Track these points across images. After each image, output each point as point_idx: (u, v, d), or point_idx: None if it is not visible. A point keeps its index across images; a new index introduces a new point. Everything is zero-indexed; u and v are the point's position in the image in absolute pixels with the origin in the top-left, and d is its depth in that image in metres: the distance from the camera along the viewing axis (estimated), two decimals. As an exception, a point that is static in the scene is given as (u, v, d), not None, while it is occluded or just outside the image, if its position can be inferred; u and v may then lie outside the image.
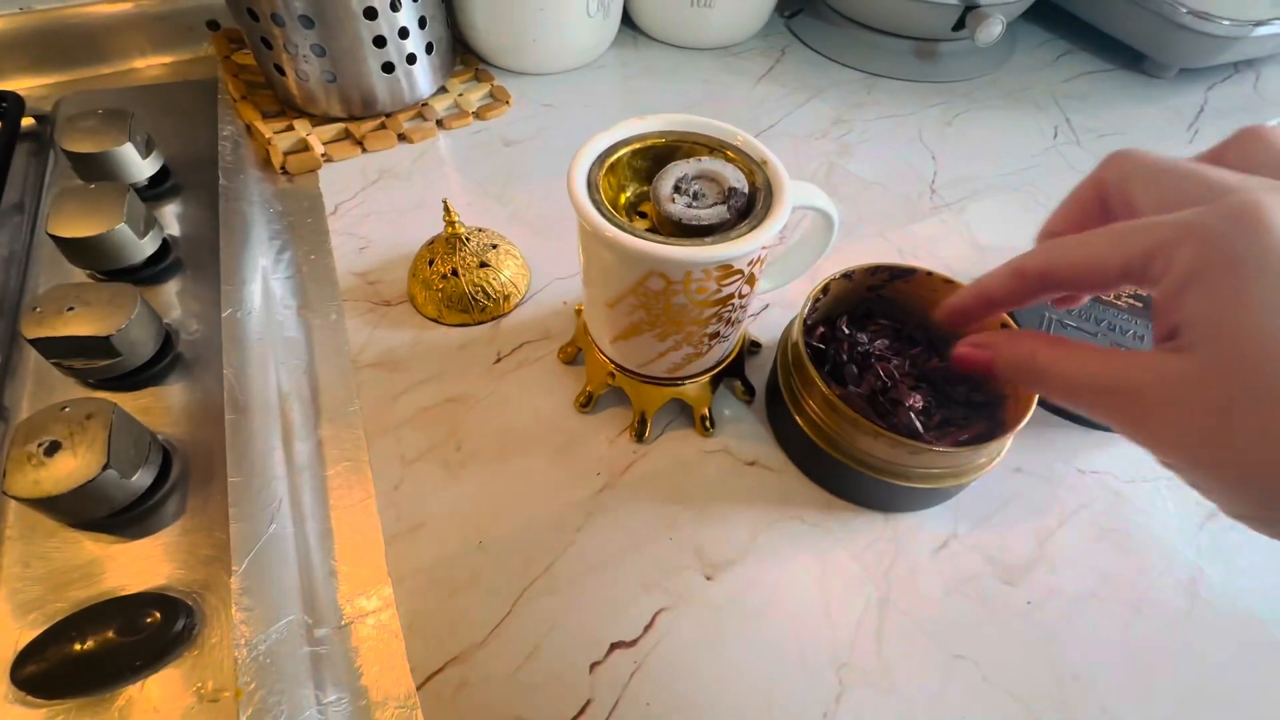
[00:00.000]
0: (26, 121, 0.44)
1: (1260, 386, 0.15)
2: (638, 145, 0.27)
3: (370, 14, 0.41)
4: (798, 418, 0.29)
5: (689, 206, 0.24)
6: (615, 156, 0.26)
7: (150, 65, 0.52)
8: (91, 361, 0.28)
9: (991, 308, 0.21)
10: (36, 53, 0.48)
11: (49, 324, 0.27)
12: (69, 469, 0.24)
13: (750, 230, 0.23)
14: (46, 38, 0.48)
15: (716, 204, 0.24)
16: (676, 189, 0.25)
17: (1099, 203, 0.19)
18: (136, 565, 0.25)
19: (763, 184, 0.25)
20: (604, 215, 0.23)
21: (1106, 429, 0.32)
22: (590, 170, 0.25)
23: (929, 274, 0.30)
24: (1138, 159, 0.18)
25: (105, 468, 0.24)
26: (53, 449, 0.24)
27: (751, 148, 0.26)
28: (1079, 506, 0.30)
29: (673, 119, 0.27)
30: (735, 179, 0.25)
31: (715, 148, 0.26)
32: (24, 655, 0.22)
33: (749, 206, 0.25)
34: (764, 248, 0.24)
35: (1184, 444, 0.16)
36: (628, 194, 0.27)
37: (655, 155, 0.27)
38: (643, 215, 0.27)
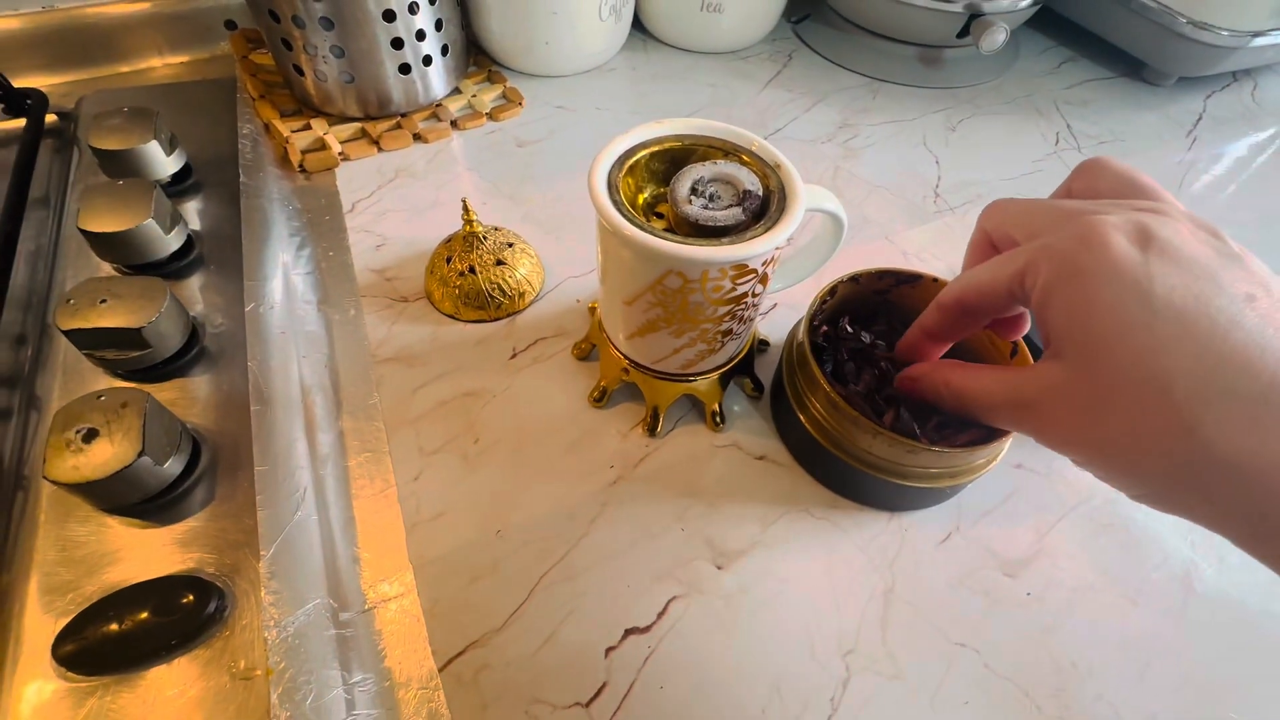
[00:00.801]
0: (50, 118, 0.45)
1: (1112, 380, 0.17)
2: (655, 148, 0.27)
3: (389, 17, 0.42)
4: (800, 415, 0.30)
5: (705, 208, 0.25)
6: (634, 159, 0.27)
7: (168, 64, 0.53)
8: (123, 353, 0.29)
9: (933, 340, 0.25)
10: (57, 50, 0.49)
11: (82, 316, 0.28)
12: (106, 455, 0.24)
13: (765, 231, 0.24)
14: (67, 36, 0.49)
15: (732, 206, 0.25)
16: (693, 191, 0.26)
17: (990, 248, 0.22)
18: (167, 549, 0.26)
19: (776, 187, 0.26)
20: (624, 215, 0.24)
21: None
22: (610, 172, 0.26)
23: (934, 280, 0.31)
24: (1008, 204, 0.22)
25: (140, 455, 0.25)
26: (90, 436, 0.25)
27: (766, 152, 0.27)
28: (1078, 502, 0.31)
29: (689, 123, 0.28)
30: (750, 182, 0.26)
31: (730, 151, 0.27)
32: (64, 634, 0.23)
33: (763, 209, 0.26)
34: (777, 248, 0.25)
35: (1073, 441, 0.19)
36: (645, 195, 0.28)
37: (672, 158, 0.28)
38: (659, 216, 0.28)
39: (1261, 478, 0.15)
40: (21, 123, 0.42)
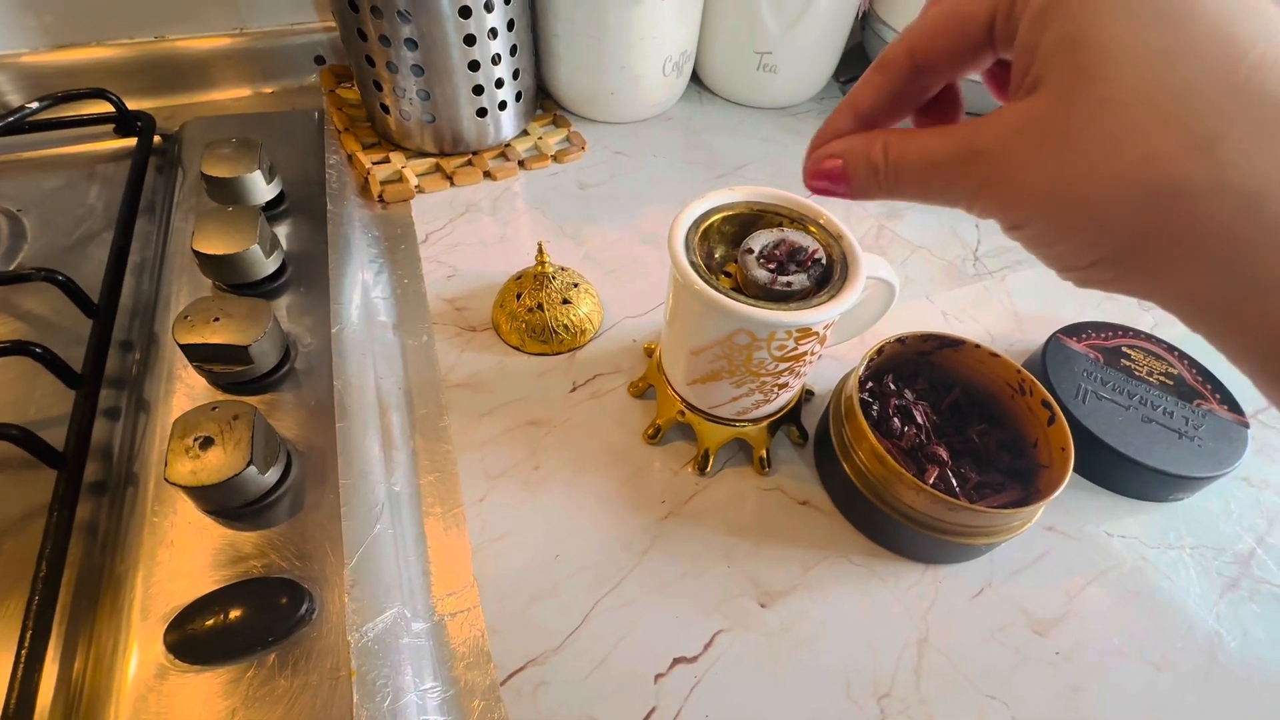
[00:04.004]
0: (156, 140, 0.48)
1: (1111, 94, 0.13)
2: (728, 213, 0.30)
3: (474, 67, 0.45)
4: (845, 465, 0.32)
5: (776, 273, 0.27)
6: (708, 222, 0.30)
7: (259, 93, 0.57)
8: (228, 367, 0.32)
9: (861, 120, 0.19)
10: (161, 76, 0.54)
11: (197, 331, 0.31)
12: (219, 463, 0.27)
13: (830, 299, 0.26)
14: (171, 63, 0.54)
15: (799, 272, 0.28)
16: (763, 255, 0.28)
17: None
18: (259, 552, 0.28)
19: (839, 256, 0.28)
20: (702, 278, 0.26)
21: (1137, 496, 0.35)
22: (687, 234, 0.29)
23: (976, 346, 0.33)
24: None
25: (249, 464, 0.27)
26: (206, 444, 0.27)
27: (831, 224, 0.29)
28: (1107, 567, 0.33)
29: (758, 191, 0.30)
30: (817, 250, 0.28)
31: (796, 219, 0.30)
32: (173, 624, 0.25)
33: (826, 276, 0.28)
34: (840, 314, 0.27)
35: (1029, 188, 0.15)
36: (717, 255, 0.30)
37: (742, 222, 0.30)
38: (727, 275, 0.30)
39: None
40: (133, 142, 0.46)
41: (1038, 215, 0.15)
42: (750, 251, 0.28)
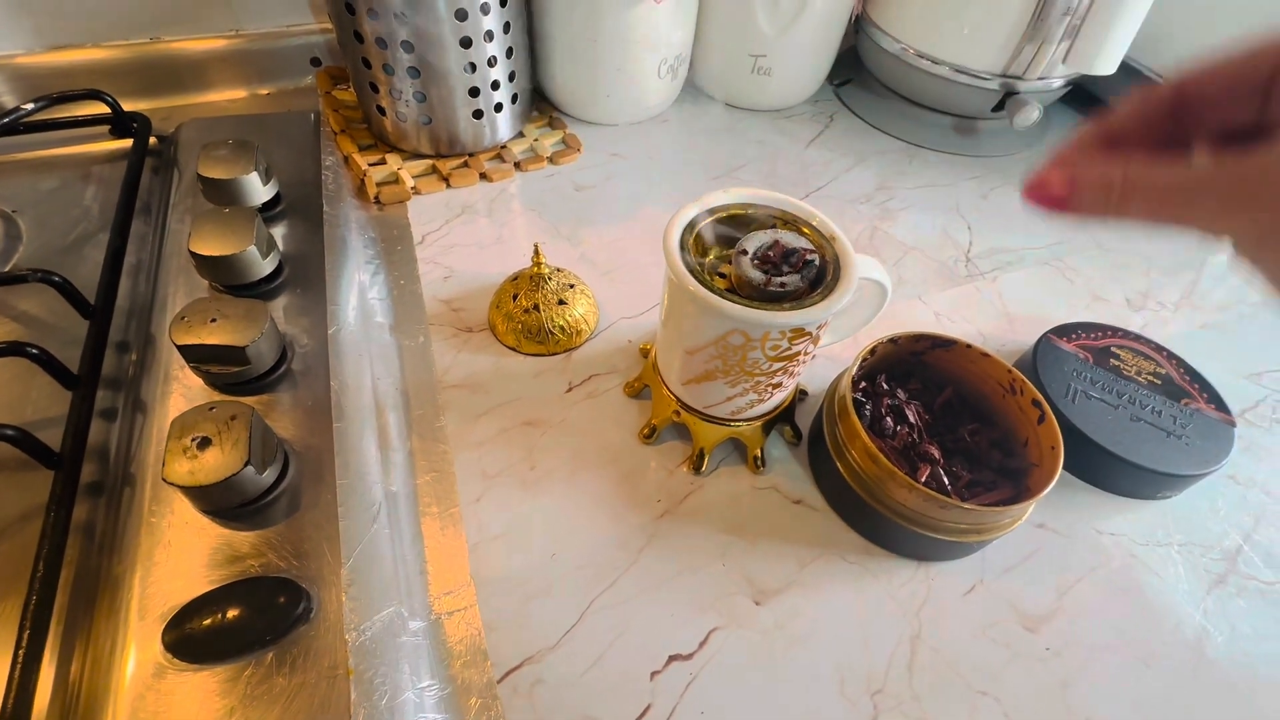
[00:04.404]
0: (151, 141, 0.48)
1: None
2: (722, 214, 0.30)
3: (470, 68, 0.45)
4: (838, 464, 0.33)
5: (769, 274, 0.28)
6: (703, 223, 0.30)
7: (255, 94, 0.57)
8: (226, 367, 0.32)
9: (1109, 143, 0.18)
10: (156, 77, 0.54)
11: (194, 332, 0.31)
12: (217, 463, 0.27)
13: (823, 299, 0.27)
14: (166, 65, 0.54)
15: (792, 273, 0.28)
16: (757, 256, 0.29)
17: (1169, 113, 0.17)
18: (257, 552, 0.29)
19: (832, 257, 0.29)
20: (697, 278, 0.27)
21: (1126, 494, 0.35)
22: (682, 235, 0.29)
23: (968, 346, 0.33)
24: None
25: (247, 464, 0.27)
26: (204, 444, 0.27)
27: (823, 225, 0.30)
28: (1096, 564, 0.33)
29: (753, 193, 0.31)
30: (809, 252, 0.28)
31: (789, 221, 0.30)
32: (171, 623, 0.25)
33: (819, 277, 0.28)
34: (832, 314, 0.27)
35: None
36: (711, 256, 0.31)
37: (736, 223, 0.31)
38: (721, 275, 0.30)
39: None
40: (129, 144, 0.46)
41: None
42: (744, 253, 0.29)
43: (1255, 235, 0.15)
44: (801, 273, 0.28)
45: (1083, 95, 0.63)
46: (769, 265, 0.28)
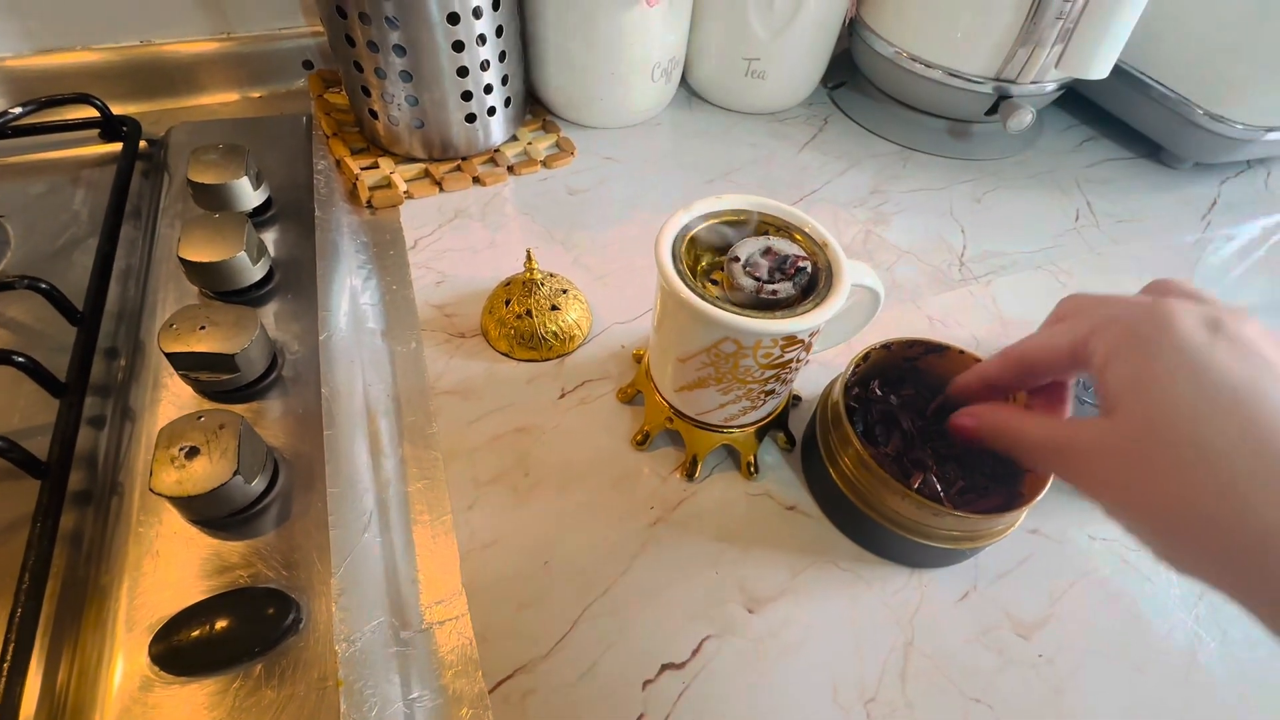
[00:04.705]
0: (141, 144, 0.48)
1: (1159, 440, 0.18)
2: (714, 221, 0.30)
3: (462, 72, 0.45)
4: (831, 471, 0.32)
5: (762, 281, 0.28)
6: (695, 230, 0.30)
7: (246, 97, 0.56)
8: (215, 375, 0.32)
9: (989, 387, 0.27)
10: (146, 81, 0.53)
11: (183, 340, 0.31)
12: (205, 472, 0.27)
13: (815, 307, 0.27)
14: (156, 68, 0.53)
15: (784, 280, 0.28)
16: (749, 264, 0.28)
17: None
18: (246, 562, 0.28)
19: (824, 264, 0.29)
20: (689, 285, 0.27)
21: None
22: (674, 242, 0.29)
23: (961, 352, 0.33)
24: (1083, 295, 0.24)
25: (235, 473, 0.27)
26: (192, 453, 0.27)
27: (816, 232, 0.29)
28: (1089, 570, 0.33)
29: (745, 199, 0.31)
30: (802, 259, 0.28)
31: (781, 228, 0.30)
32: (159, 635, 0.25)
33: (811, 284, 0.28)
34: (825, 321, 0.27)
35: (1109, 491, 0.20)
36: (703, 263, 0.31)
37: (728, 230, 0.31)
38: (714, 282, 0.30)
39: None
40: (118, 148, 0.46)
41: (1120, 514, 0.20)
42: (736, 260, 0.29)
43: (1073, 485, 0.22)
44: (794, 280, 0.28)
45: (1075, 97, 0.64)
46: (761, 272, 0.28)
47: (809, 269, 0.28)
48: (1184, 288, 0.22)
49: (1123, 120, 0.61)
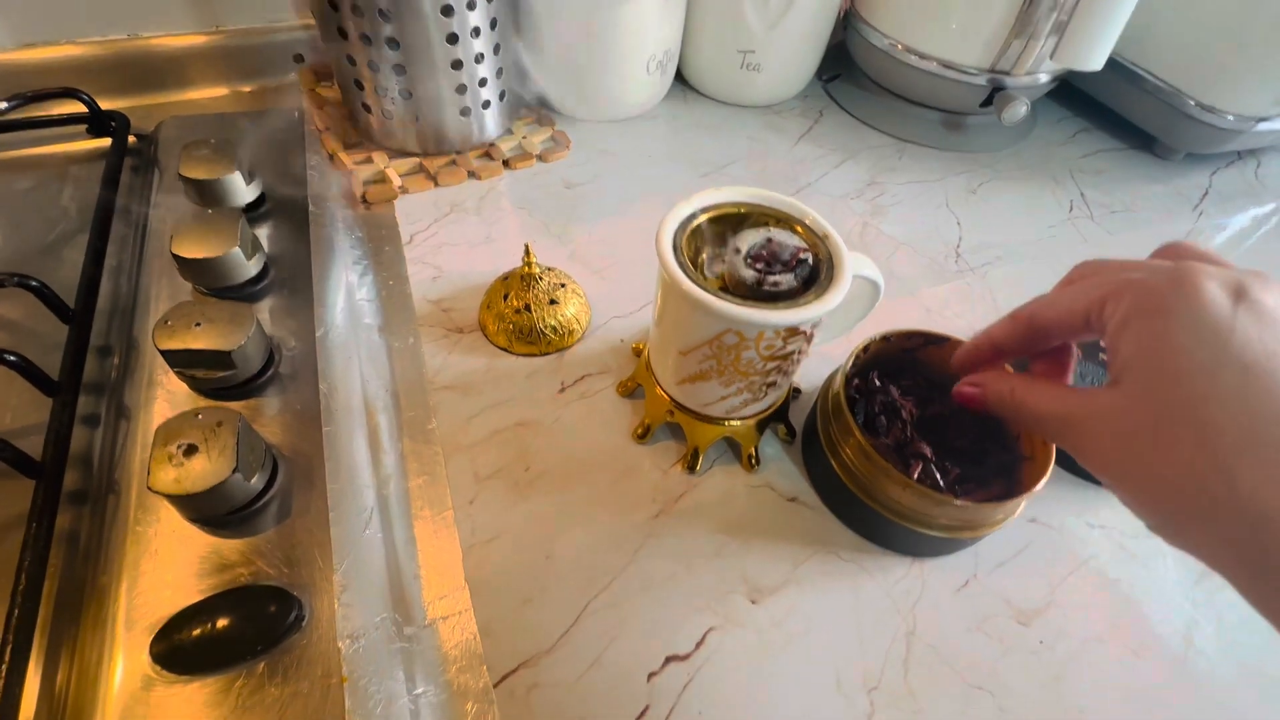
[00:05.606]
0: (130, 140, 0.47)
1: (1164, 415, 0.18)
2: (714, 213, 0.30)
3: (456, 65, 0.45)
4: (833, 462, 0.33)
5: (763, 273, 0.28)
6: (695, 222, 0.30)
7: (236, 92, 0.56)
8: (211, 372, 0.31)
9: (996, 352, 0.25)
10: (135, 75, 0.52)
11: (179, 337, 0.31)
12: (203, 470, 0.27)
13: (817, 298, 0.27)
14: (144, 62, 0.52)
15: (786, 272, 0.28)
16: (750, 255, 0.28)
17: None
18: (246, 560, 0.28)
19: (825, 256, 0.29)
20: (690, 278, 0.27)
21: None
22: (675, 234, 0.29)
23: (959, 342, 0.33)
24: (1099, 260, 0.23)
25: (234, 471, 0.27)
26: (190, 451, 0.27)
27: (817, 224, 0.29)
28: (1087, 557, 0.33)
29: (745, 191, 0.31)
30: (803, 250, 0.28)
31: (782, 219, 0.30)
32: (160, 634, 0.25)
33: (813, 275, 0.28)
34: (827, 313, 0.27)
35: (1109, 464, 0.20)
36: (704, 255, 0.31)
37: (729, 222, 0.30)
38: (715, 275, 0.30)
39: None
40: (107, 143, 0.45)
41: (1118, 487, 0.20)
42: (738, 251, 0.28)
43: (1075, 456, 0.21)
44: (795, 271, 0.28)
45: (1068, 89, 0.64)
46: (762, 264, 0.28)
47: (810, 260, 0.28)
48: (1200, 250, 0.21)
49: (1115, 112, 0.62)
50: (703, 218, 0.30)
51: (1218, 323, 0.17)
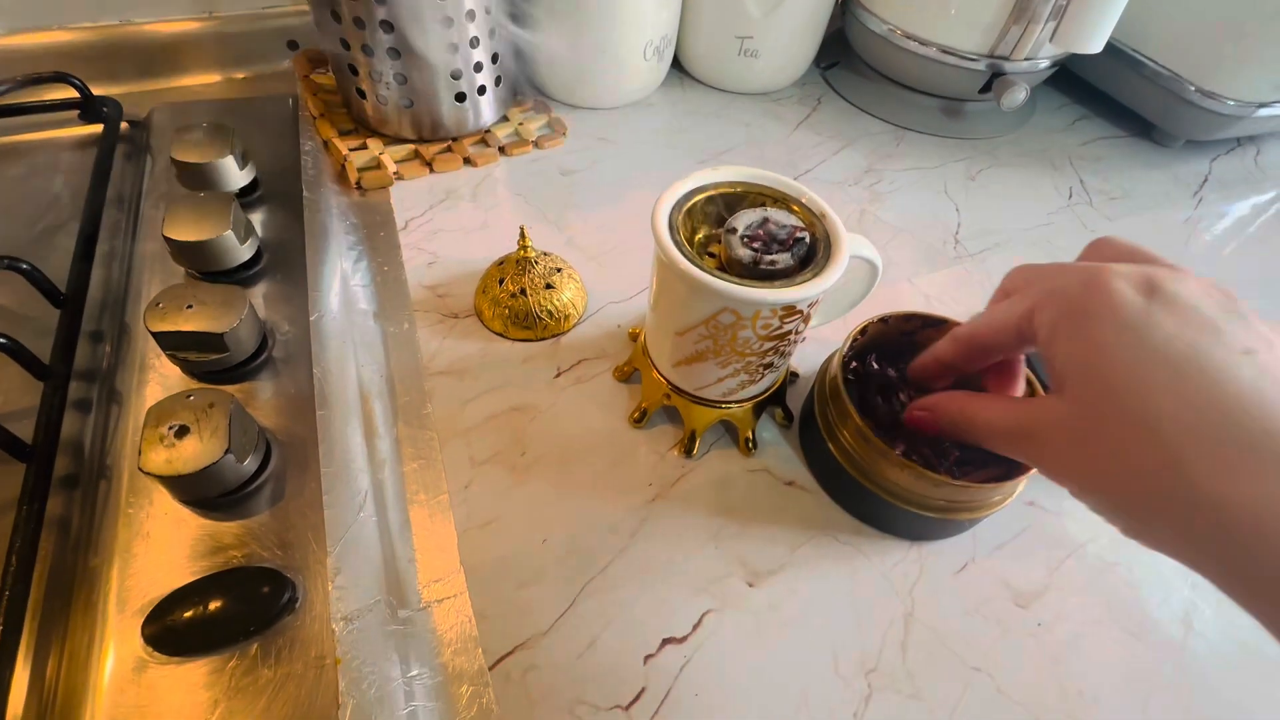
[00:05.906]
0: (123, 126, 0.47)
1: (1105, 415, 0.18)
2: (711, 192, 0.30)
3: (452, 50, 0.44)
4: (830, 445, 0.32)
5: (760, 252, 0.27)
6: (691, 202, 0.29)
7: (230, 78, 0.55)
8: (204, 355, 0.31)
9: (943, 368, 0.26)
10: (127, 61, 0.52)
11: (170, 319, 0.30)
12: (195, 451, 0.26)
13: (814, 276, 0.26)
14: (137, 48, 0.52)
15: (783, 251, 0.28)
16: (747, 235, 0.28)
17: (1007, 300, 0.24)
18: (240, 542, 0.28)
19: (822, 235, 0.28)
20: (687, 257, 0.26)
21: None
22: (671, 214, 0.28)
23: (958, 324, 0.33)
24: (1027, 266, 0.23)
25: (226, 452, 0.27)
26: (182, 432, 0.27)
27: (814, 202, 0.29)
28: (1086, 540, 0.33)
29: (741, 171, 0.30)
30: (800, 229, 0.28)
31: (779, 199, 0.30)
32: (151, 616, 0.24)
33: (809, 255, 0.28)
34: (824, 291, 0.27)
35: (1067, 471, 0.20)
36: (700, 235, 0.30)
37: (725, 202, 0.30)
38: (711, 255, 0.30)
39: (1240, 518, 0.16)
40: (99, 129, 0.45)
41: (1082, 493, 0.20)
42: (734, 231, 0.28)
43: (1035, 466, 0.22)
44: (792, 251, 0.28)
45: (1068, 75, 0.64)
46: (759, 243, 0.28)
47: (807, 240, 0.28)
48: (1122, 246, 0.22)
49: (1115, 98, 0.61)
50: (699, 197, 0.30)
51: (1134, 320, 0.18)
